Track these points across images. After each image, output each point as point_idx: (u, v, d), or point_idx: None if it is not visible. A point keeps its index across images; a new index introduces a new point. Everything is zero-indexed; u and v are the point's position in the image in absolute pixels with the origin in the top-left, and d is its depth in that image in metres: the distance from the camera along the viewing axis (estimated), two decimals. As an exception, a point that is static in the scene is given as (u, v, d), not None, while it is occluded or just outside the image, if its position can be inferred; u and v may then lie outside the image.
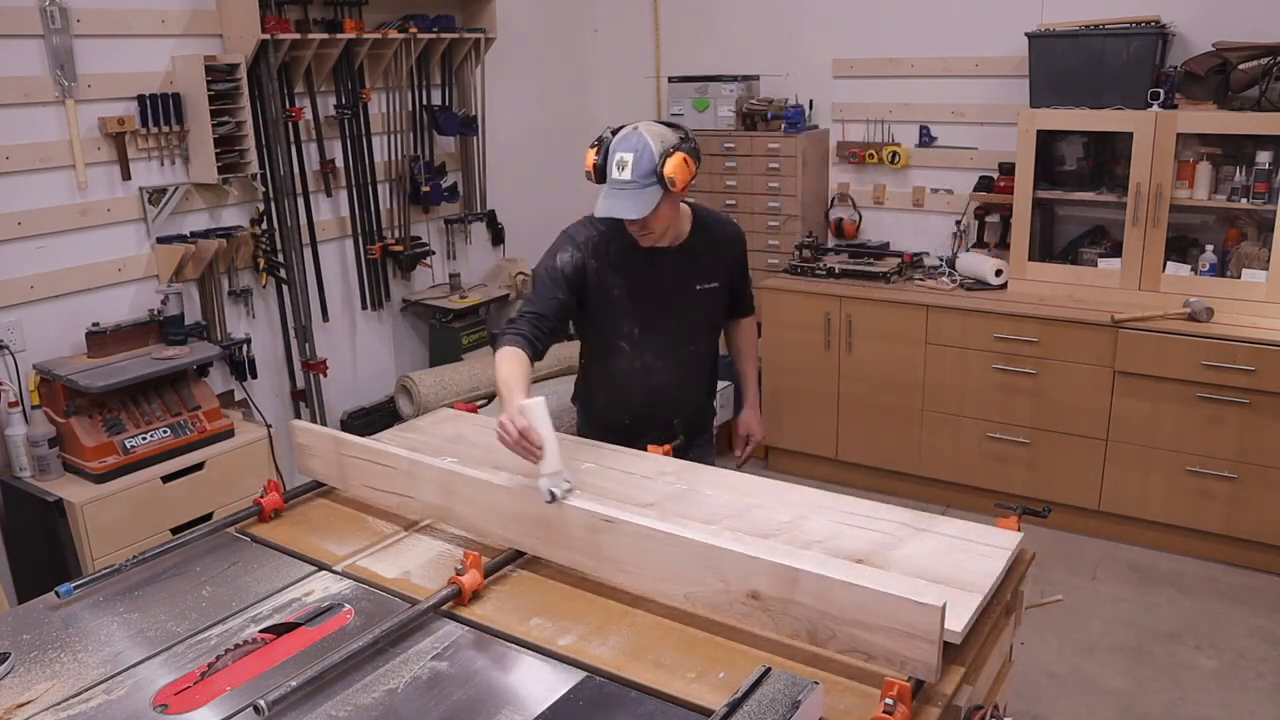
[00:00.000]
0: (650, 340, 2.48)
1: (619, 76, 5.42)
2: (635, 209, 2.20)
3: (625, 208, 2.21)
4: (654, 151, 2.18)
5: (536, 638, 1.69)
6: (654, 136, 2.21)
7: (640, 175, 2.18)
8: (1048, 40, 3.95)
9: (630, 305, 2.43)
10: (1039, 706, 3.01)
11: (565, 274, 2.37)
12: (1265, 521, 3.64)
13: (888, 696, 1.42)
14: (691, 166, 2.22)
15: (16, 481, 3.09)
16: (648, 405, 2.54)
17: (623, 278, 2.41)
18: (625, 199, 2.20)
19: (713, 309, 2.55)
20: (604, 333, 2.49)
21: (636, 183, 2.18)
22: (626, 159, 2.19)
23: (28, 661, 1.68)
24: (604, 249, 2.40)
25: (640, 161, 2.18)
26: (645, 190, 2.19)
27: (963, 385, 4.13)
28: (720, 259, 2.51)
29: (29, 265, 3.19)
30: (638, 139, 2.21)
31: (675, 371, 2.52)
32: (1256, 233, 3.80)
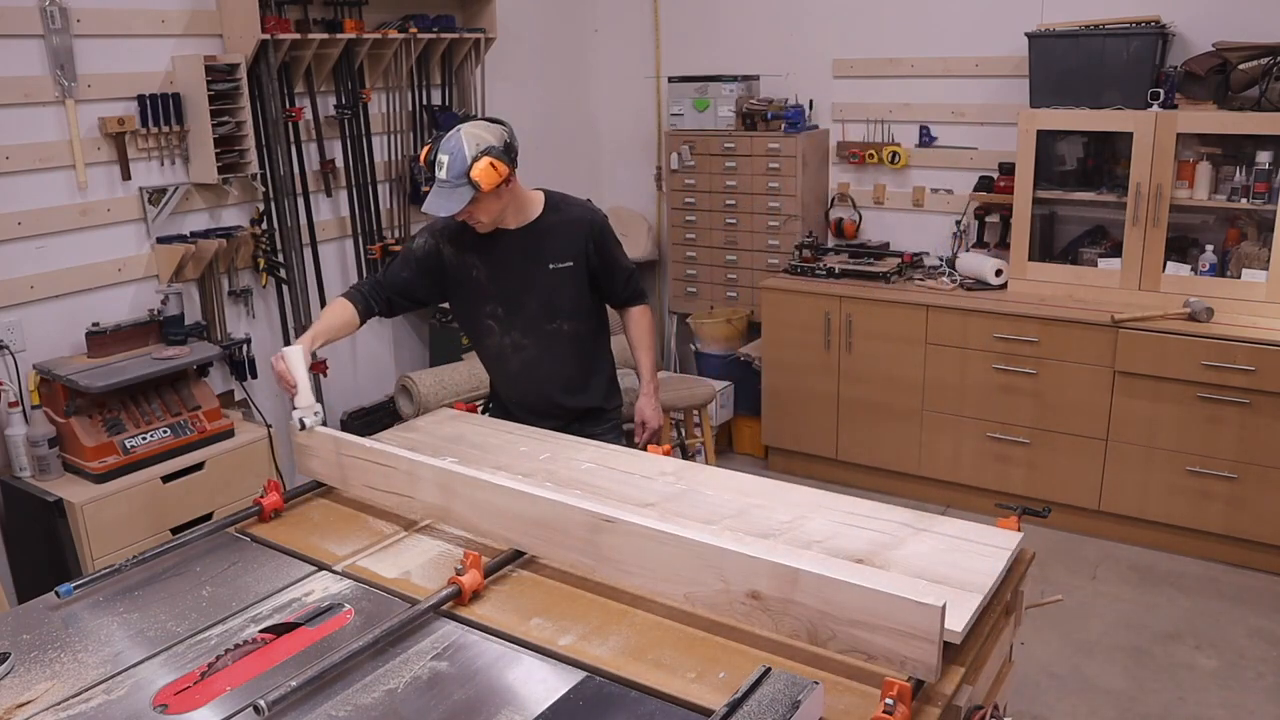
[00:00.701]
0: (514, 319, 2.66)
1: (619, 76, 5.42)
2: (447, 207, 2.41)
3: (438, 205, 2.41)
4: (466, 155, 2.37)
5: (536, 638, 1.69)
6: (470, 139, 2.39)
7: (454, 176, 2.38)
8: (1048, 40, 3.95)
9: (488, 285, 2.63)
10: (1039, 706, 3.01)
11: (417, 256, 2.65)
12: (1265, 521, 3.64)
13: (888, 696, 1.42)
14: (500, 169, 2.40)
15: (16, 481, 3.09)
16: (522, 381, 2.73)
17: (478, 258, 2.62)
18: (441, 197, 2.41)
19: (570, 288, 2.66)
20: (473, 312, 2.70)
21: (450, 182, 2.39)
22: (443, 160, 2.39)
23: (28, 661, 1.68)
24: (458, 233, 2.61)
25: (453, 164, 2.38)
26: (458, 189, 2.38)
27: (963, 385, 4.13)
28: (570, 241, 2.64)
29: (29, 265, 3.19)
30: (455, 142, 2.40)
31: (542, 348, 2.67)
32: (1256, 233, 3.80)
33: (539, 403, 2.72)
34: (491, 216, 2.52)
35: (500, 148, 2.42)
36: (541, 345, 2.67)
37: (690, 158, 4.92)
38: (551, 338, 2.67)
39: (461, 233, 2.60)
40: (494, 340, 2.70)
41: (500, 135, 2.46)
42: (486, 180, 2.38)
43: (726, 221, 4.91)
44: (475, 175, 2.37)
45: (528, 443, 2.49)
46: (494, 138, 2.43)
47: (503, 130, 2.49)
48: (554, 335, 2.67)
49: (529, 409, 2.73)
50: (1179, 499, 3.78)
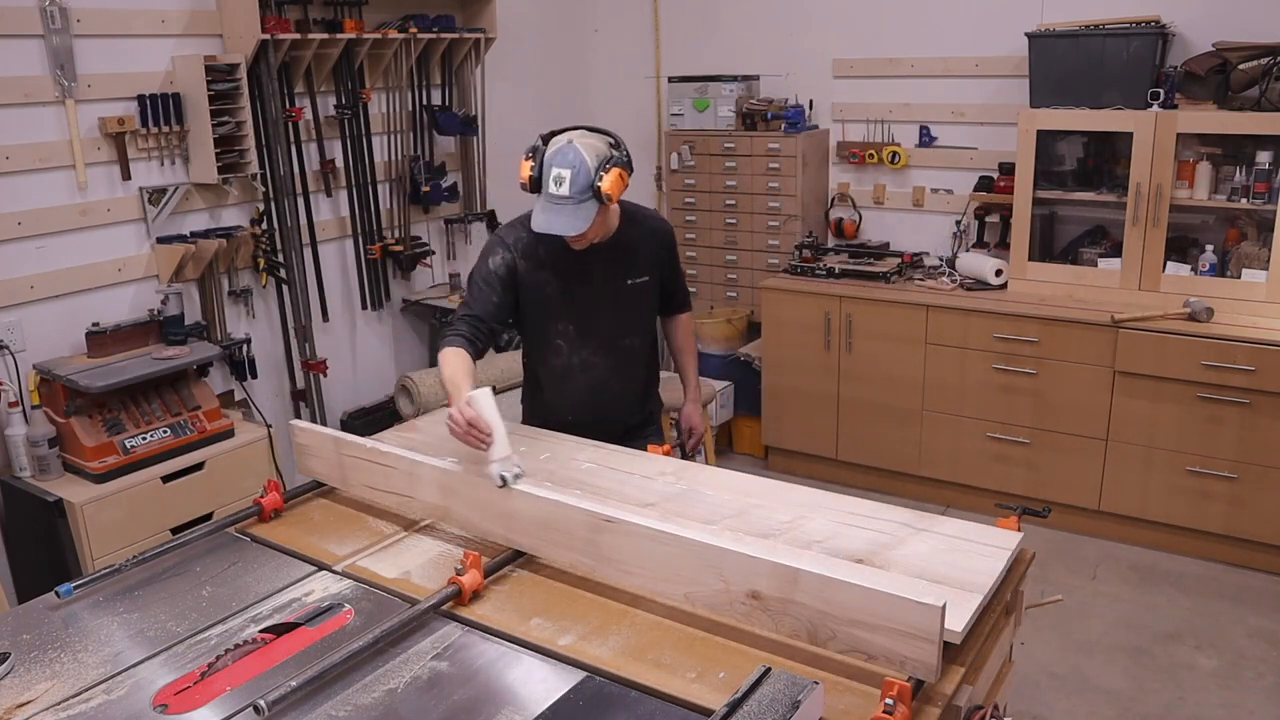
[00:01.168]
0: (586, 336, 2.52)
1: (619, 76, 5.42)
2: (573, 225, 2.25)
3: (564, 224, 2.25)
4: (590, 167, 2.21)
5: (536, 638, 1.69)
6: (589, 151, 2.23)
7: (577, 191, 2.21)
8: (1048, 40, 3.95)
9: (563, 302, 2.48)
10: (1039, 706, 3.01)
11: (499, 275, 2.44)
12: (1265, 521, 3.64)
13: (888, 696, 1.42)
14: (626, 180, 2.26)
15: (16, 481, 3.09)
16: (588, 400, 2.59)
17: (554, 275, 2.46)
18: (564, 215, 2.24)
19: (645, 303, 2.59)
20: (541, 331, 2.54)
21: (573, 199, 2.22)
22: (564, 175, 2.22)
23: (28, 661, 1.68)
24: (534, 249, 2.44)
25: (577, 178, 2.21)
26: (582, 205, 2.23)
27: (963, 385, 4.13)
28: (649, 254, 2.53)
29: (29, 265, 3.19)
30: (574, 154, 2.23)
31: (612, 365, 2.57)
32: (1256, 233, 3.80)
33: (603, 420, 2.59)
34: (599, 234, 2.37)
35: (623, 158, 2.27)
36: (611, 363, 2.56)
37: (690, 158, 4.92)
38: (623, 354, 2.57)
39: (535, 248, 2.44)
40: (561, 360, 2.55)
41: (611, 144, 2.30)
42: (616, 192, 2.23)
43: (726, 221, 4.91)
44: (606, 188, 2.21)
45: (527, 443, 2.48)
46: (608, 148, 2.28)
47: (610, 139, 2.32)
48: (625, 351, 2.57)
49: (589, 426, 2.56)
50: (1179, 499, 3.78)
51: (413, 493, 2.12)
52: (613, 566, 1.81)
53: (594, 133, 2.31)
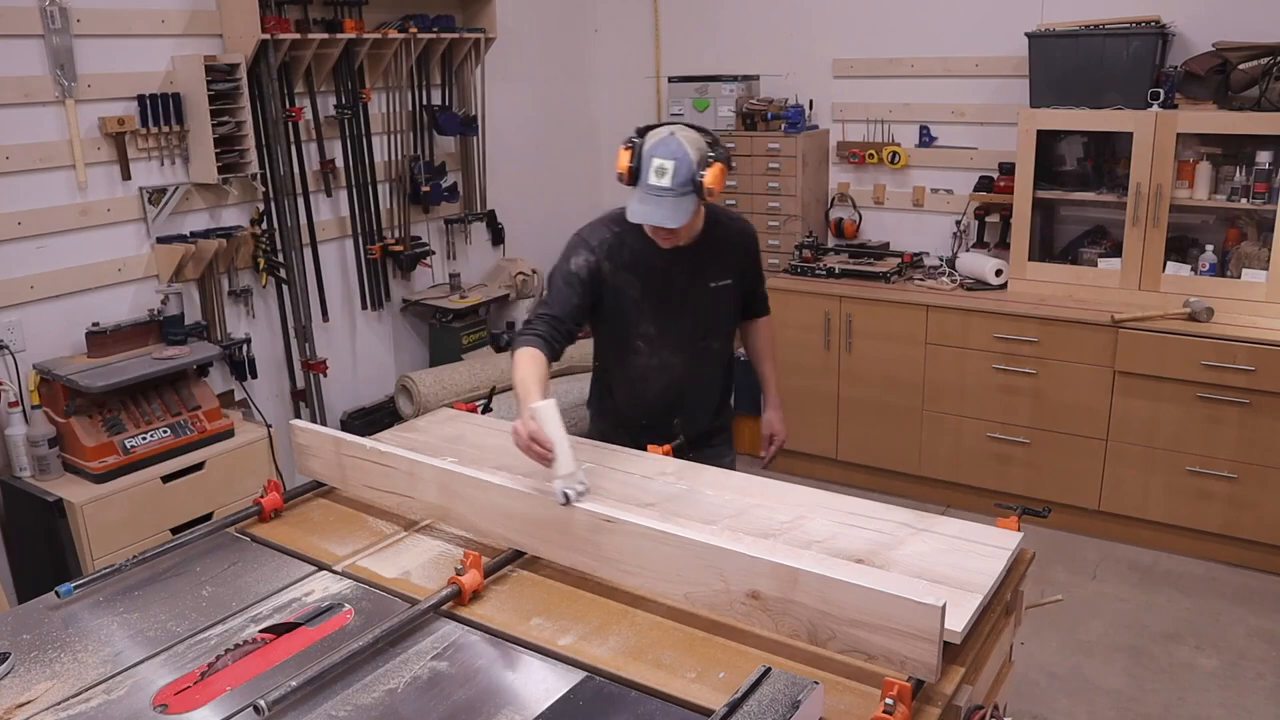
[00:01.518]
0: (667, 339, 2.47)
1: (619, 76, 5.42)
2: (674, 217, 2.19)
3: (664, 215, 2.19)
4: (692, 160, 2.16)
5: (536, 638, 1.69)
6: (691, 144, 2.19)
7: (679, 184, 2.16)
8: (1048, 40, 3.95)
9: (646, 305, 2.43)
10: (1039, 706, 3.01)
11: (580, 277, 2.36)
12: (1265, 521, 3.64)
13: (888, 696, 1.42)
14: (726, 175, 2.22)
15: (16, 481, 3.09)
16: (665, 403, 2.54)
17: (638, 278, 2.40)
18: (664, 207, 2.18)
19: (727, 306, 2.54)
20: (621, 333, 2.49)
21: (674, 190, 2.16)
22: (666, 166, 2.16)
23: (28, 661, 1.68)
24: (618, 250, 2.38)
25: (679, 170, 2.15)
26: (683, 199, 2.17)
27: (963, 385, 4.13)
28: (733, 256, 2.49)
29: (29, 265, 3.19)
30: (676, 146, 2.18)
31: (692, 369, 2.52)
32: (1256, 233, 3.80)
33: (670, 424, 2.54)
34: (691, 231, 2.33)
35: (724, 154, 2.22)
36: (691, 366, 2.52)
37: (690, 158, 4.91)
38: (703, 357, 2.53)
39: (619, 249, 2.38)
40: (640, 361, 2.50)
41: (710, 141, 2.25)
42: (718, 187, 2.18)
43: (726, 221, 4.91)
44: (709, 182, 2.16)
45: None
46: (706, 143, 2.23)
47: (708, 136, 2.27)
48: (704, 354, 2.53)
49: (663, 431, 2.51)
50: (1179, 499, 3.78)
51: (412, 493, 2.12)
52: (613, 566, 1.81)
53: (691, 129, 2.26)
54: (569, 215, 5.40)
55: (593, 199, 5.58)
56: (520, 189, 4.99)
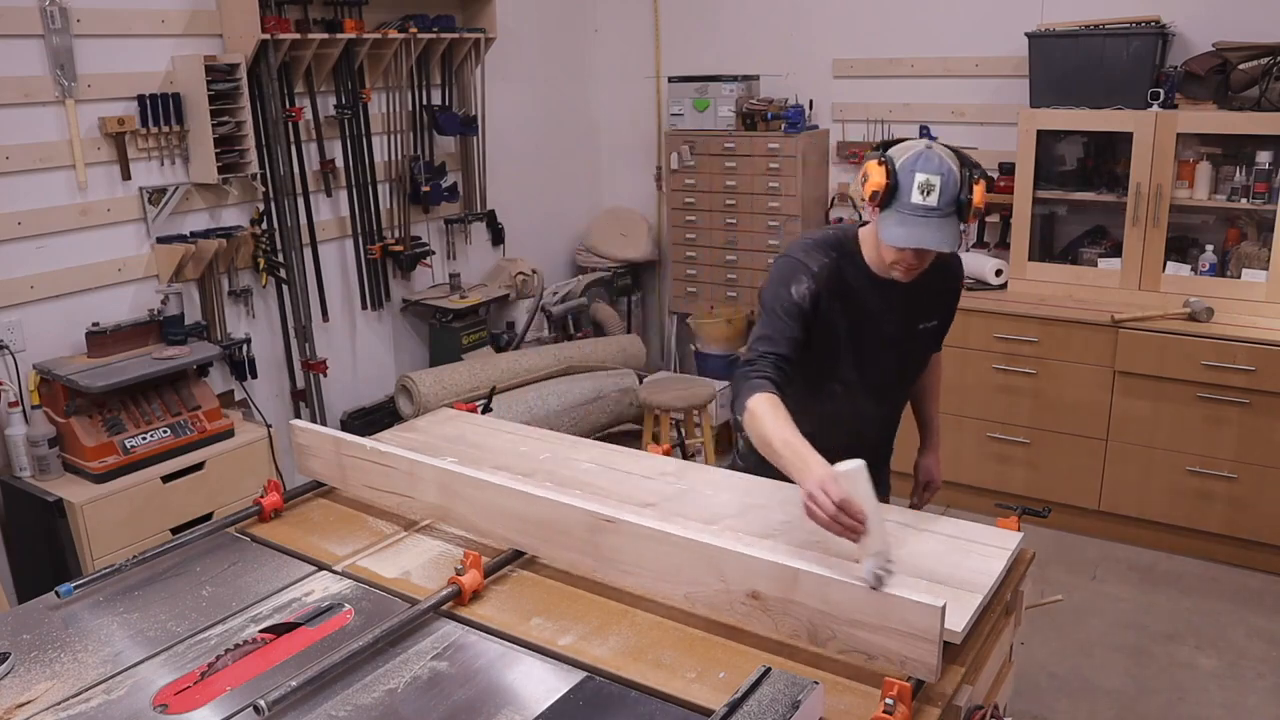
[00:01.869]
0: (866, 382, 2.22)
1: (619, 76, 5.42)
2: (946, 240, 1.94)
3: (936, 239, 1.93)
4: (958, 176, 1.93)
5: (536, 638, 1.69)
6: (951, 160, 1.96)
7: (946, 203, 1.92)
8: (1048, 40, 3.95)
9: (851, 344, 2.17)
10: (1039, 706, 3.01)
11: (803, 309, 2.07)
12: (1265, 521, 3.64)
13: (888, 696, 1.42)
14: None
15: (16, 481, 3.09)
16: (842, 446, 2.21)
17: (846, 311, 2.13)
18: (932, 229, 1.92)
19: (929, 348, 2.34)
20: (818, 373, 2.19)
21: (941, 210, 1.92)
22: (934, 183, 1.91)
23: (28, 661, 1.68)
24: (837, 279, 2.11)
25: (947, 187, 1.92)
26: (948, 219, 1.94)
27: (963, 385, 4.13)
28: (942, 295, 2.25)
29: (29, 265, 3.19)
30: (939, 161, 1.94)
31: (881, 412, 2.33)
32: (1256, 233, 3.80)
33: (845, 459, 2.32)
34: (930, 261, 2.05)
35: (983, 171, 2.00)
36: (880, 409, 2.31)
37: (690, 158, 4.92)
38: (896, 400, 2.35)
39: (838, 278, 2.11)
40: (831, 406, 2.22)
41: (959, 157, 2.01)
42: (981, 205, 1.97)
43: (726, 221, 4.91)
44: (977, 201, 1.94)
45: (528, 443, 2.49)
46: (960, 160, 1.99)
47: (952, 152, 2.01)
48: (899, 398, 2.36)
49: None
50: (1179, 499, 3.78)
51: (413, 493, 2.12)
52: (613, 567, 1.81)
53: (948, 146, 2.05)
54: (569, 215, 5.46)
55: (593, 199, 5.59)
56: (520, 189, 4.99)
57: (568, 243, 5.44)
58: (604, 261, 5.27)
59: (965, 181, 1.94)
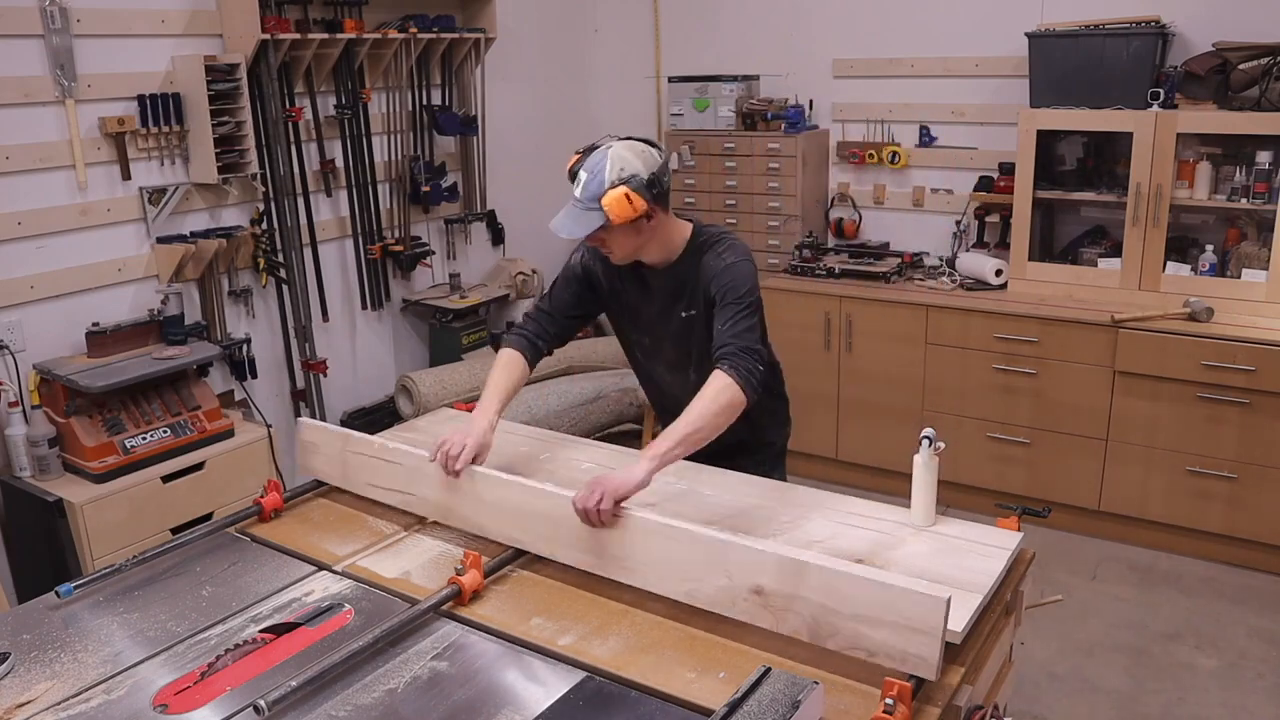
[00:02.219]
0: (656, 355, 2.44)
1: (619, 76, 5.42)
2: (572, 229, 2.16)
3: (566, 225, 2.16)
4: (605, 178, 2.09)
5: (536, 638, 1.69)
6: (616, 162, 2.11)
7: (587, 198, 2.12)
8: (1048, 40, 3.95)
9: (633, 316, 2.42)
10: (1039, 706, 3.01)
11: (575, 273, 2.41)
12: (1265, 521, 3.64)
13: (888, 696, 1.42)
14: (635, 204, 2.09)
15: (16, 481, 3.09)
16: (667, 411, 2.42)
17: (624, 286, 2.39)
18: (569, 217, 2.16)
19: (702, 337, 2.30)
20: (622, 333, 2.52)
21: (582, 203, 2.13)
22: (582, 177, 2.14)
23: (28, 661, 1.68)
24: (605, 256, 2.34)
25: (590, 184, 2.11)
26: (588, 213, 2.12)
27: (963, 385, 4.13)
28: (700, 287, 2.29)
29: (29, 265, 3.19)
30: (599, 161, 2.13)
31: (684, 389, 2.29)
32: (1256, 233, 3.80)
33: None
34: (625, 252, 2.23)
35: (644, 179, 2.10)
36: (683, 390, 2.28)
37: (690, 158, 4.92)
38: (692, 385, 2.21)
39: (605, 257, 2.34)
40: (642, 367, 2.54)
41: (650, 164, 2.14)
42: (616, 213, 2.07)
43: (727, 221, 4.91)
44: (606, 204, 2.07)
45: (528, 443, 2.49)
46: (642, 165, 2.12)
47: (655, 158, 2.17)
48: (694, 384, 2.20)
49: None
50: (1179, 499, 3.78)
51: (416, 490, 2.12)
52: (615, 563, 1.81)
53: (650, 149, 2.18)
54: (569, 215, 5.44)
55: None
56: (520, 189, 4.98)
57: (568, 243, 5.42)
58: (604, 261, 5.26)
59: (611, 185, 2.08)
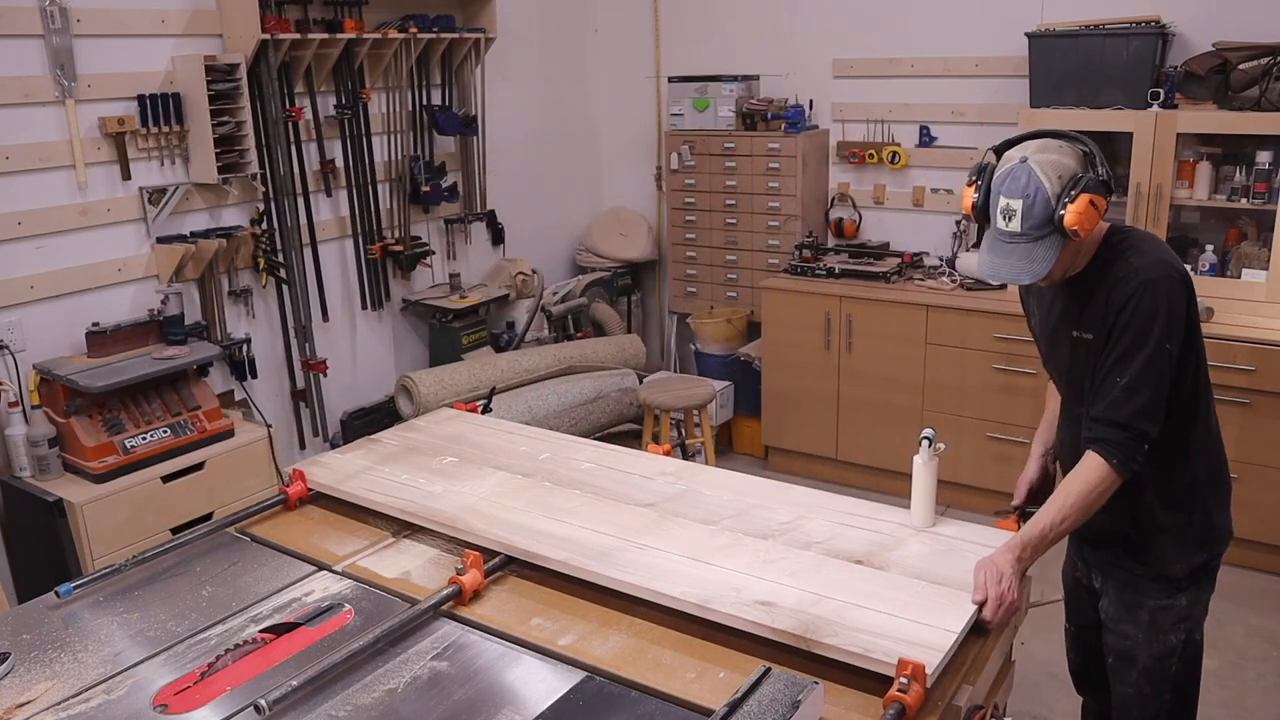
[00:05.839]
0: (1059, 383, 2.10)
1: (619, 76, 5.42)
2: (1029, 270, 1.78)
3: (1016, 269, 1.79)
4: (1049, 194, 1.75)
5: (536, 638, 1.69)
6: (1048, 170, 1.76)
7: (1032, 227, 1.76)
8: (1048, 40, 3.95)
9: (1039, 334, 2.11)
10: (1039, 706, 3.01)
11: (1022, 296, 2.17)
12: (1265, 521, 3.64)
13: (901, 675, 1.43)
14: (1101, 207, 1.75)
15: (16, 481, 3.09)
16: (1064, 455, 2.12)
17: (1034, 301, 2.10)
18: (1016, 257, 1.78)
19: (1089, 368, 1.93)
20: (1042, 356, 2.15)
21: (1027, 235, 1.77)
22: (1014, 208, 1.76)
23: (28, 661, 1.68)
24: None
25: (1032, 210, 1.75)
26: (1039, 244, 1.77)
27: (963, 385, 4.13)
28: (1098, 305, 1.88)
29: (29, 265, 3.19)
30: (1027, 178, 1.76)
31: (1067, 433, 2.07)
32: (1256, 233, 3.80)
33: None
34: (1062, 271, 1.87)
35: (1096, 179, 1.76)
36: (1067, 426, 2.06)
37: (690, 158, 4.92)
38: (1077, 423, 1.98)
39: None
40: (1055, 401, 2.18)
41: (1082, 158, 1.80)
42: (1085, 225, 1.73)
43: (726, 221, 4.91)
44: (1070, 222, 1.72)
45: (528, 443, 2.49)
46: (1076, 162, 1.78)
47: (1079, 149, 1.82)
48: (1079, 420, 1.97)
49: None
50: (1179, 499, 3.77)
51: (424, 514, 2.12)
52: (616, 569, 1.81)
53: (1063, 141, 1.83)
54: (569, 215, 5.45)
55: (593, 199, 5.59)
56: (520, 189, 4.99)
57: (568, 243, 5.44)
58: (604, 261, 5.27)
59: (1059, 199, 1.75)
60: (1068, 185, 1.75)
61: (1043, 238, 1.76)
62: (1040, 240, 1.77)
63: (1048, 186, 1.75)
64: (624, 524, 1.97)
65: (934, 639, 1.54)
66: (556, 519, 2.01)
